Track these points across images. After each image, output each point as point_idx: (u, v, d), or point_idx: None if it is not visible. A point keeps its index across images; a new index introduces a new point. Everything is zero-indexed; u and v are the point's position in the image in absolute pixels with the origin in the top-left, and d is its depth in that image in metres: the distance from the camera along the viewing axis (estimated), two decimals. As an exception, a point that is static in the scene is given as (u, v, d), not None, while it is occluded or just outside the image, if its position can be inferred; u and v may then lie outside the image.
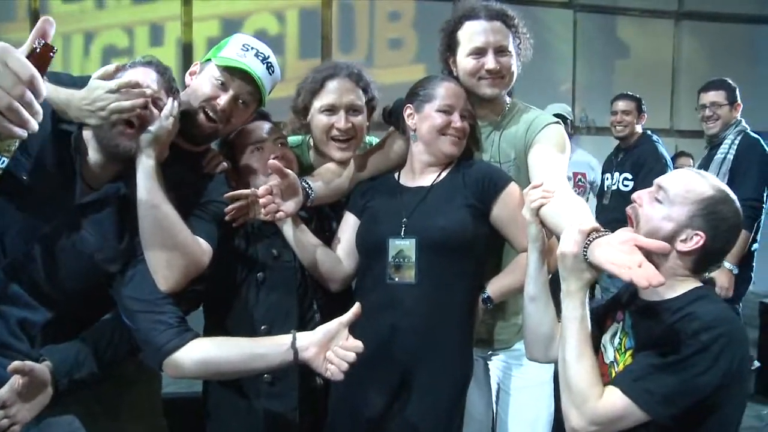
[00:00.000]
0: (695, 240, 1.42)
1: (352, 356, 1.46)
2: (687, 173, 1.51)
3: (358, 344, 1.48)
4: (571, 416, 1.39)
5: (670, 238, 1.42)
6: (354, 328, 1.81)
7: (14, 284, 1.50)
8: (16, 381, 1.38)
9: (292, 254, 1.81)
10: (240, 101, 1.75)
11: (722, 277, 3.23)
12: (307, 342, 1.50)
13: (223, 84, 1.73)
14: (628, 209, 1.54)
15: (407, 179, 1.91)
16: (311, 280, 1.84)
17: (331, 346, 1.49)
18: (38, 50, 0.96)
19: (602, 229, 1.43)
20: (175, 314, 1.57)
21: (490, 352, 2.01)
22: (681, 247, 1.43)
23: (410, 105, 1.87)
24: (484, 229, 1.82)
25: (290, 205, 1.71)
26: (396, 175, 1.94)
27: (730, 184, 3.27)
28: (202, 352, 1.54)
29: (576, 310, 1.43)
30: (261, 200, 1.67)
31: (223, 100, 1.72)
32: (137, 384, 1.81)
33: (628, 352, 1.48)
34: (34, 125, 0.93)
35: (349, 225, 1.90)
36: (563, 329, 1.45)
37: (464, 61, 1.89)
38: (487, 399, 2.04)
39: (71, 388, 1.51)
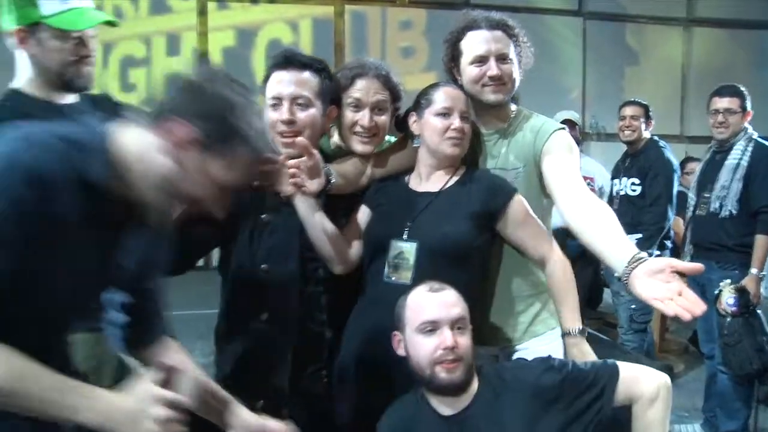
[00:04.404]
0: None
1: None
2: None
3: None
4: None
5: None
6: (351, 320, 1.90)
7: None
8: None
9: None
10: None
11: (751, 283, 3.24)
12: None
13: None
14: None
15: (416, 183, 1.97)
16: None
17: None
18: None
19: (639, 255, 1.50)
20: None
21: (497, 352, 2.06)
22: None
23: (414, 112, 1.94)
24: (485, 237, 1.89)
25: (314, 184, 1.78)
26: (406, 178, 2.00)
27: (744, 190, 3.33)
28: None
29: None
30: (289, 171, 1.73)
31: None
32: None
33: None
34: None
35: (363, 216, 1.97)
36: None
37: (468, 69, 1.97)
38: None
39: None
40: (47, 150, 1.15)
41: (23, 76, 1.83)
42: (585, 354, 1.88)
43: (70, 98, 1.85)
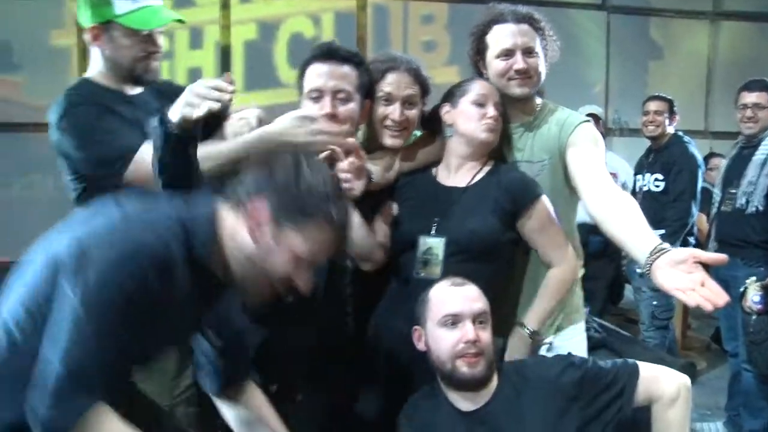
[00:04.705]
0: None
1: None
2: None
3: None
4: None
5: None
6: (379, 314, 1.90)
7: None
8: None
9: None
10: None
11: None
12: None
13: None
14: None
15: (444, 176, 1.98)
16: None
17: None
18: None
19: (661, 245, 1.50)
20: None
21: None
22: None
23: (447, 103, 1.95)
24: (512, 234, 1.90)
25: (359, 185, 1.79)
26: (433, 171, 2.01)
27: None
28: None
29: None
30: (341, 166, 1.75)
31: None
32: None
33: None
34: None
35: (389, 211, 1.97)
36: None
37: (494, 63, 1.97)
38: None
39: None
40: (168, 235, 1.25)
41: (95, 69, 1.93)
42: (515, 349, 1.89)
43: (138, 89, 1.95)
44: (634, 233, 1.64)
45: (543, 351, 1.99)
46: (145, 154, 1.71)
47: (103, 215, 1.30)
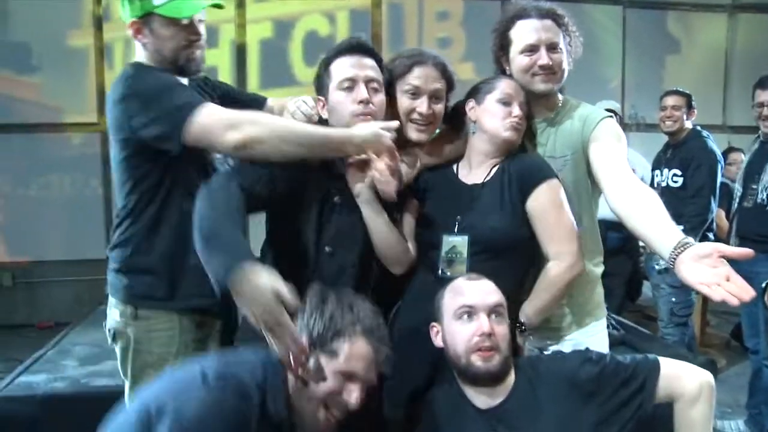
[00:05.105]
0: None
1: None
2: None
3: None
4: None
5: None
6: (402, 313, 1.91)
7: None
8: None
9: None
10: None
11: None
12: None
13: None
14: None
15: (464, 173, 1.98)
16: None
17: None
18: None
19: (685, 240, 1.50)
20: None
21: (545, 342, 2.04)
22: None
23: (472, 99, 1.94)
24: (529, 228, 1.88)
25: (394, 186, 1.79)
26: (454, 167, 2.00)
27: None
28: None
29: None
30: (379, 167, 1.76)
31: None
32: None
33: None
34: None
35: (414, 210, 1.97)
36: None
37: (517, 59, 1.96)
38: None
39: None
40: (244, 399, 1.41)
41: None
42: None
43: (183, 80, 1.93)
44: (657, 228, 1.63)
45: (567, 348, 1.98)
46: (205, 115, 1.73)
47: (187, 375, 1.45)
